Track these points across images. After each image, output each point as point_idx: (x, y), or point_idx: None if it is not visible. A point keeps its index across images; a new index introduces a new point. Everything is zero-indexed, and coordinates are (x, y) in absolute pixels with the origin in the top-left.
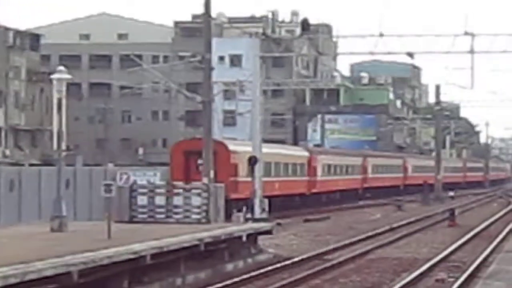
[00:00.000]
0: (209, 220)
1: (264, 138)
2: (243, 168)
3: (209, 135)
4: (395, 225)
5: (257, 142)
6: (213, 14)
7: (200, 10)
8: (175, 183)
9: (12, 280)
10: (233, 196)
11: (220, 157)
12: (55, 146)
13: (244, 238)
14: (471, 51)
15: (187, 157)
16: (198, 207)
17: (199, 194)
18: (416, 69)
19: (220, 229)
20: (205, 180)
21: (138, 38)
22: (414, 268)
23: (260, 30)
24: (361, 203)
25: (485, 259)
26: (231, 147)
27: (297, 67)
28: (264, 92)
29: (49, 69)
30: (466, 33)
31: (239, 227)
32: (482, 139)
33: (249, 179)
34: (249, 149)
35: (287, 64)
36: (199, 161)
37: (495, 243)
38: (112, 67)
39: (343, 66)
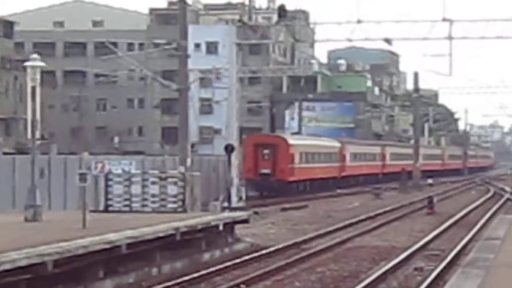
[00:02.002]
0: (186, 209)
1: (241, 126)
2: (298, 158)
3: (185, 123)
4: (373, 213)
5: (233, 130)
6: (189, 1)
7: None
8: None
9: None
10: (291, 179)
11: (281, 149)
12: (29, 134)
13: (220, 227)
14: (449, 37)
15: (256, 148)
16: (174, 196)
17: (175, 183)
18: (394, 55)
19: (196, 218)
20: (181, 168)
21: (113, 25)
22: (392, 256)
23: (237, 17)
24: (338, 191)
25: (463, 247)
26: (290, 141)
27: (274, 54)
28: (241, 79)
29: (23, 56)
30: (444, 19)
31: (215, 216)
32: (461, 126)
33: (302, 165)
34: (303, 142)
35: (264, 51)
36: (265, 151)
37: (474, 231)
38: (87, 55)
39: (321, 53)
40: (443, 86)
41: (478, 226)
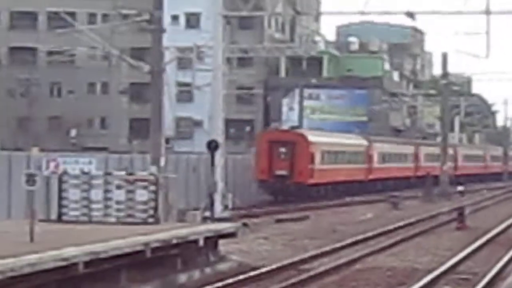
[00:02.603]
0: (158, 219)
1: (228, 118)
2: (319, 157)
3: (159, 114)
4: (389, 227)
5: (218, 123)
6: None
7: None
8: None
9: None
10: (310, 181)
11: (299, 147)
12: None
13: (201, 243)
14: (487, 12)
15: (270, 146)
16: (145, 203)
17: (145, 187)
18: (418, 33)
19: (171, 231)
20: (153, 169)
21: None
22: (412, 281)
23: None
24: (348, 199)
25: (501, 270)
26: (310, 138)
27: (270, 30)
28: (228, 60)
29: None
30: None
31: (195, 228)
32: (500, 121)
33: (324, 166)
34: (325, 139)
35: (258, 25)
36: (281, 149)
37: None
38: (37, 28)
39: (328, 28)
40: (478, 71)
41: None
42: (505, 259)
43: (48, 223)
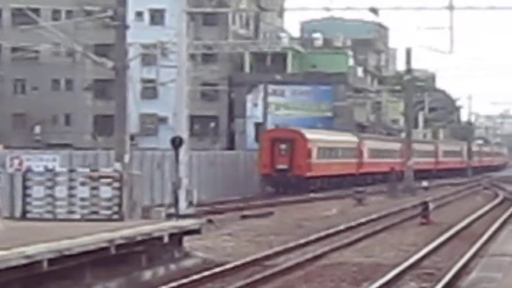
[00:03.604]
0: (122, 216)
1: (192, 114)
2: (316, 153)
3: (123, 110)
4: (354, 223)
5: (182, 119)
6: None
7: None
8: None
9: None
10: (308, 174)
11: (298, 144)
12: None
13: (165, 239)
14: (450, 7)
15: (272, 143)
16: (109, 200)
17: (109, 184)
18: (382, 29)
19: (135, 228)
20: (117, 166)
21: None
22: (377, 276)
23: None
24: (313, 195)
25: (465, 264)
26: (307, 135)
27: (234, 26)
28: (193, 56)
29: None
30: None
31: (159, 225)
32: (464, 116)
33: (320, 161)
34: (320, 137)
35: (222, 22)
36: (282, 146)
37: (478, 245)
38: (1, 24)
39: (292, 25)
40: (442, 67)
41: (483, 239)
42: (469, 254)
43: (12, 221)
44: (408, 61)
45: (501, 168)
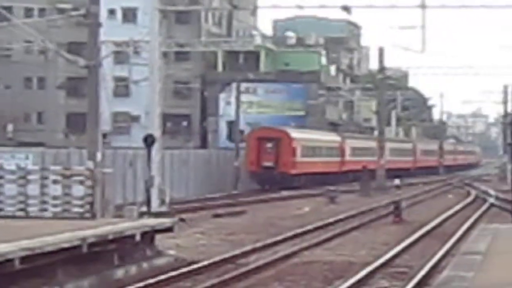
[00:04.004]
0: (95, 214)
1: (165, 113)
2: (300, 151)
3: (96, 108)
4: (326, 221)
5: (155, 117)
6: None
7: None
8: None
9: None
10: (293, 172)
11: (283, 142)
12: None
13: (137, 237)
14: (422, 6)
15: (259, 142)
16: (81, 198)
17: (82, 182)
18: (354, 27)
19: (107, 226)
20: (89, 164)
21: None
22: (349, 274)
23: None
24: (285, 193)
25: (436, 263)
26: (292, 134)
27: (207, 24)
28: (165, 54)
29: None
30: None
31: (131, 223)
32: (436, 115)
33: (304, 159)
34: (305, 136)
35: (194, 20)
36: (268, 144)
37: (449, 243)
38: None
39: (265, 23)
40: (414, 66)
41: (454, 238)
42: (441, 252)
43: None
44: (381, 60)
45: (473, 166)
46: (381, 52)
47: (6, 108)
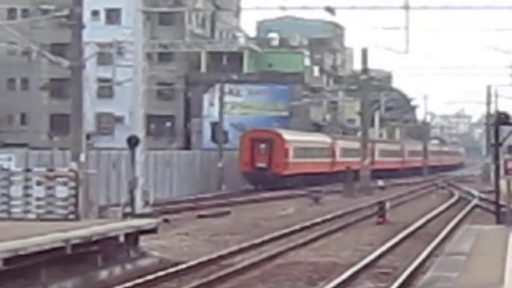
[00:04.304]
0: (78, 216)
1: (149, 114)
2: (292, 152)
3: (79, 109)
4: (310, 222)
5: (139, 118)
6: None
7: None
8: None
9: None
10: (285, 172)
11: (276, 144)
12: None
13: (121, 239)
14: (406, 7)
15: (253, 143)
16: (65, 199)
17: (65, 184)
18: (338, 28)
19: (91, 228)
20: (73, 165)
21: None
22: (333, 275)
23: None
24: (269, 194)
25: (420, 264)
26: (285, 136)
27: (190, 25)
28: (149, 55)
29: None
30: None
31: (115, 224)
32: (420, 115)
33: (296, 160)
34: (297, 137)
35: (178, 21)
36: (261, 146)
37: (433, 244)
38: None
39: (248, 24)
40: (398, 67)
41: (438, 239)
42: (425, 253)
43: None
44: (364, 60)
45: (458, 167)
46: (364, 53)
47: None
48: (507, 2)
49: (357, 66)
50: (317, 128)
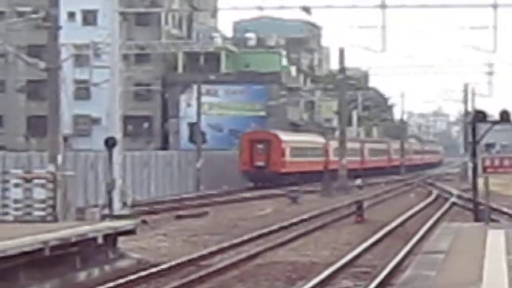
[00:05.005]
0: (56, 217)
1: (126, 115)
2: (289, 152)
3: (56, 111)
4: (288, 222)
5: (116, 120)
6: None
7: None
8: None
9: None
10: (283, 170)
11: (273, 144)
12: None
13: (100, 240)
14: (382, 5)
15: (251, 144)
16: (42, 201)
17: (43, 186)
18: (314, 28)
19: (69, 229)
20: (50, 167)
21: None
22: (312, 275)
23: None
24: (247, 194)
25: (399, 262)
26: (282, 137)
27: (167, 26)
28: (125, 56)
29: None
30: None
31: (93, 226)
32: (397, 114)
33: (292, 159)
34: (293, 138)
35: (154, 22)
36: (259, 146)
37: (411, 243)
38: None
39: (225, 24)
40: (375, 66)
41: (416, 237)
42: (403, 252)
43: None
44: (341, 60)
45: (436, 165)
46: (341, 52)
47: None
48: (485, 1)
49: (334, 65)
50: (295, 128)
